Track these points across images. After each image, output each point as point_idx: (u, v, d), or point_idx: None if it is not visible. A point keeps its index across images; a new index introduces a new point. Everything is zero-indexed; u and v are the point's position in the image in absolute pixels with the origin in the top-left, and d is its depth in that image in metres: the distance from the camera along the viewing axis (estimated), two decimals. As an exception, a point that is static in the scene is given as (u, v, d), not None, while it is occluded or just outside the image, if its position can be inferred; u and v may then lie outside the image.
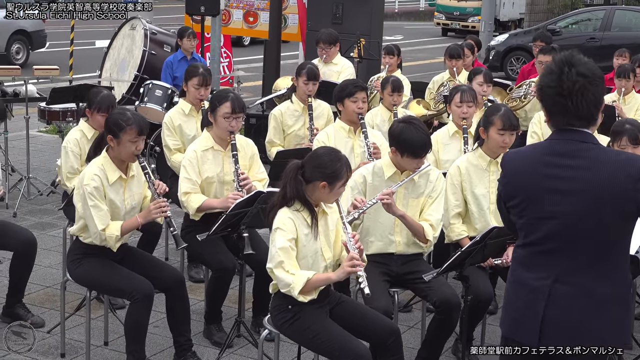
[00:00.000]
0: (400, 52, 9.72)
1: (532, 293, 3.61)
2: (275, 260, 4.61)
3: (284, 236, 4.61)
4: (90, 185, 5.29)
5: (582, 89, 3.49)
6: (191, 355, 5.60)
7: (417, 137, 5.26)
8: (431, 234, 5.42)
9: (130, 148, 5.34)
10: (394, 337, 4.80)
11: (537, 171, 3.61)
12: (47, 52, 20.98)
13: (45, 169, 10.32)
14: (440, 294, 5.27)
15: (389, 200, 5.26)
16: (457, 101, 6.64)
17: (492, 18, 22.50)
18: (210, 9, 10.68)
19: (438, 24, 33.44)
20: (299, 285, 4.57)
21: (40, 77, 10.26)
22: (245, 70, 12.62)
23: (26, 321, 6.13)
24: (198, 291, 6.71)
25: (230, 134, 5.97)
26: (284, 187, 4.71)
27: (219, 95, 6.09)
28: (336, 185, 4.66)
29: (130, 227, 5.42)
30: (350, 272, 4.60)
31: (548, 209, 3.56)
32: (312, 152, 4.91)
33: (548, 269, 3.59)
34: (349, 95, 6.49)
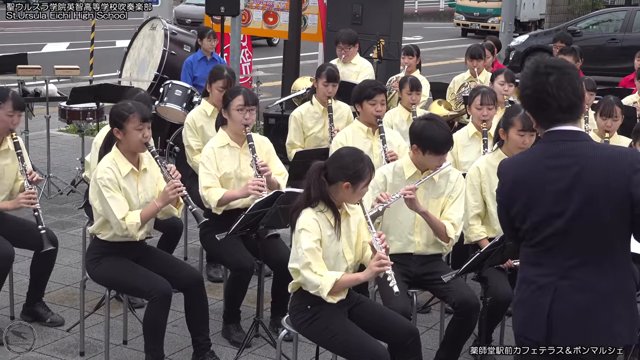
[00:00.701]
0: (419, 53, 9.70)
1: (539, 290, 3.64)
2: (302, 262, 4.61)
3: (309, 237, 4.62)
4: (104, 178, 5.32)
5: (556, 81, 3.55)
6: (209, 354, 5.61)
7: (440, 134, 5.26)
8: (453, 233, 5.41)
9: (137, 136, 5.36)
10: (413, 338, 4.80)
11: (534, 175, 3.64)
12: (68, 52, 21.12)
13: (65, 168, 10.37)
14: (459, 295, 5.26)
15: (412, 195, 5.26)
16: (477, 103, 6.61)
17: (512, 19, 22.45)
18: (230, 9, 10.69)
19: (458, 25, 33.40)
20: (328, 287, 4.57)
21: (61, 77, 10.29)
22: (264, 70, 12.63)
23: (46, 320, 6.18)
24: (217, 291, 6.72)
25: (245, 127, 5.99)
26: (308, 188, 4.72)
27: (230, 90, 6.18)
28: (359, 186, 4.67)
29: (150, 213, 5.42)
30: (378, 271, 4.60)
31: (549, 210, 3.59)
32: (334, 153, 4.91)
33: (553, 266, 3.62)
34: (367, 97, 6.47)
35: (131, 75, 11.40)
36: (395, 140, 6.57)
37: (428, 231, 5.45)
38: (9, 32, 24.25)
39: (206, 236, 6.08)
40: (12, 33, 24.32)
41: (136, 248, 5.53)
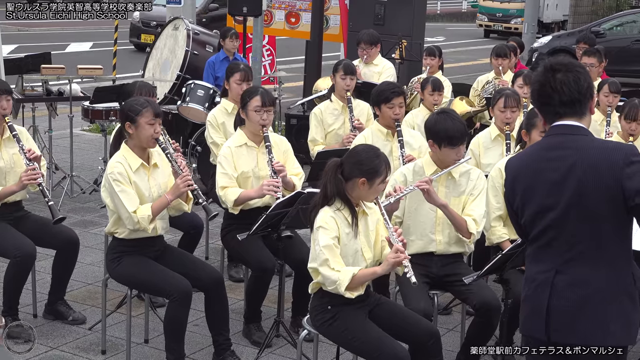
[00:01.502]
0: (441, 54, 9.68)
1: (539, 286, 3.68)
2: (320, 259, 4.61)
3: (327, 234, 4.62)
4: (114, 172, 5.35)
5: (561, 77, 3.62)
6: (230, 354, 5.62)
7: (452, 125, 5.27)
8: (474, 228, 5.39)
9: (149, 131, 5.39)
10: (434, 339, 4.79)
11: (531, 167, 3.71)
12: (91, 52, 21.22)
13: (88, 167, 10.43)
14: (480, 297, 5.24)
15: (426, 186, 5.25)
16: (500, 106, 6.56)
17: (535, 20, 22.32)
18: (252, 10, 10.71)
19: (480, 26, 33.30)
20: (346, 282, 4.57)
21: (84, 77, 10.35)
22: (286, 70, 12.64)
23: (67, 318, 6.21)
24: (238, 290, 6.73)
25: (262, 127, 6.00)
26: (324, 186, 4.72)
27: (248, 91, 6.18)
28: (375, 182, 4.66)
29: (160, 206, 5.43)
30: (395, 263, 4.58)
31: (543, 202, 3.64)
32: (350, 150, 4.92)
33: (549, 261, 3.65)
34: (385, 101, 6.44)
35: (154, 75, 11.44)
36: (415, 142, 6.55)
37: (450, 230, 5.44)
38: (32, 32, 24.40)
39: (227, 236, 6.10)
40: (36, 33, 24.47)
41: (156, 246, 5.56)
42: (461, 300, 5.69)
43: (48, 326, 6.17)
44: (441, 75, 9.17)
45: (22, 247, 5.86)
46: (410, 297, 5.11)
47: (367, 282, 4.76)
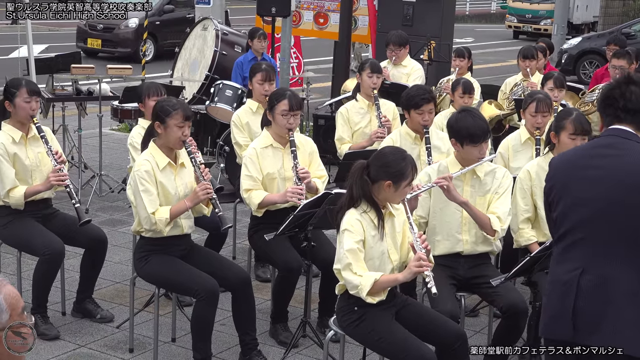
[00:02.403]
0: (470, 55, 9.65)
1: (564, 286, 3.67)
2: (343, 262, 4.62)
3: (352, 238, 4.62)
4: (141, 170, 5.39)
5: (635, 90, 3.66)
6: (257, 354, 5.63)
7: (473, 123, 5.26)
8: (498, 226, 5.36)
9: (177, 133, 5.41)
10: (461, 341, 4.77)
11: (572, 162, 3.75)
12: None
13: (116, 166, 10.49)
14: (508, 300, 5.22)
15: (445, 183, 5.24)
16: (532, 110, 6.46)
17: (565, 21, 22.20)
18: (281, 10, 10.74)
19: (510, 27, 33.15)
20: (367, 287, 4.57)
21: (114, 76, 10.42)
22: (314, 71, 12.65)
23: (95, 316, 6.26)
24: (264, 290, 6.75)
25: (289, 131, 6.01)
26: (350, 188, 4.72)
27: (276, 93, 6.16)
28: (401, 185, 4.65)
29: (178, 211, 5.46)
30: (417, 272, 4.58)
31: (576, 196, 3.65)
32: (377, 152, 4.90)
33: (576, 261, 3.65)
34: (415, 107, 6.39)
35: (182, 75, 11.49)
36: (444, 145, 6.50)
37: (476, 229, 5.42)
38: (63, 32, 24.55)
39: (254, 236, 6.12)
40: (67, 33, 24.62)
41: (183, 245, 5.58)
42: (488, 303, 5.67)
43: (76, 324, 6.22)
44: (470, 77, 9.13)
45: (51, 245, 5.91)
46: (437, 298, 5.09)
47: (389, 288, 4.76)
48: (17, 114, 6.05)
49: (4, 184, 5.96)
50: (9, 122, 6.10)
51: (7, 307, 2.53)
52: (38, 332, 5.83)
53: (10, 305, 2.54)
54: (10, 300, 2.55)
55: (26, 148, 6.10)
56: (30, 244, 5.99)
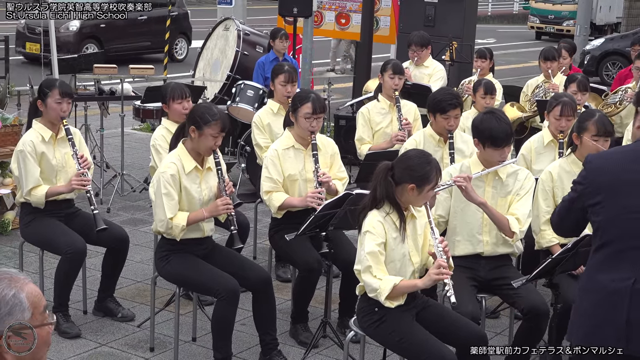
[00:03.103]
0: (492, 56, 9.62)
1: (613, 296, 3.55)
2: (363, 265, 4.61)
3: (373, 240, 4.61)
4: (167, 173, 5.39)
5: None
6: (277, 354, 5.64)
7: (497, 126, 5.22)
8: (517, 227, 5.33)
9: (210, 142, 5.41)
10: (481, 343, 4.76)
11: (620, 167, 3.60)
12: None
13: (138, 166, 10.53)
14: (529, 301, 5.20)
15: (464, 183, 5.22)
16: (556, 114, 6.37)
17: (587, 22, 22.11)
18: (302, 11, 10.74)
19: (532, 28, 33.03)
20: (386, 291, 4.56)
21: (136, 76, 10.45)
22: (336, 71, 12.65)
23: (116, 315, 6.28)
24: (285, 290, 6.75)
25: (311, 133, 6.01)
26: (374, 189, 4.71)
27: (300, 95, 6.14)
28: (425, 189, 4.63)
29: (195, 219, 5.47)
30: (436, 279, 4.57)
31: (627, 202, 3.52)
32: (402, 154, 4.89)
33: (628, 270, 3.53)
34: (441, 111, 6.33)
35: (204, 75, 11.52)
36: (467, 149, 6.45)
37: (497, 230, 5.40)
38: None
39: (275, 236, 6.12)
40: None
41: (204, 245, 5.59)
42: (509, 304, 5.64)
43: (97, 322, 6.25)
44: (492, 78, 9.11)
45: (73, 244, 5.94)
46: (458, 300, 5.07)
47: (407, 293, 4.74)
48: (48, 114, 6.09)
49: (28, 182, 5.99)
50: (40, 121, 6.14)
51: (29, 306, 2.54)
52: (60, 331, 5.91)
53: (32, 304, 2.55)
54: (32, 298, 2.56)
55: (54, 148, 6.13)
56: (52, 242, 6.02)
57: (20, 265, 6.54)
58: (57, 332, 5.93)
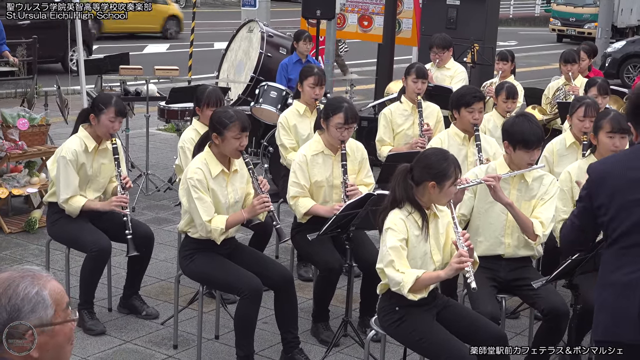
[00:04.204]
0: (514, 58, 9.58)
1: (624, 289, 3.60)
2: (386, 260, 4.60)
3: (395, 236, 4.60)
4: (194, 178, 5.38)
5: None
6: (298, 352, 5.63)
7: (529, 129, 5.22)
8: (540, 230, 5.31)
9: (234, 144, 5.40)
10: (501, 343, 4.72)
11: (622, 167, 3.66)
12: (168, 53, 21.49)
13: (163, 165, 10.56)
14: (549, 302, 5.17)
15: (493, 183, 5.20)
16: (580, 115, 6.38)
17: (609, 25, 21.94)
18: (325, 13, 10.74)
19: (553, 30, 32.90)
20: (409, 284, 4.54)
21: (161, 77, 10.49)
22: (358, 73, 12.64)
23: (141, 312, 6.30)
24: (307, 289, 6.75)
25: (341, 142, 5.99)
26: (393, 190, 4.70)
27: (332, 104, 6.05)
28: (445, 185, 4.62)
29: (235, 221, 5.47)
30: (458, 268, 4.54)
31: (629, 199, 3.57)
32: (420, 154, 4.88)
33: (636, 263, 3.57)
34: (466, 105, 6.38)
35: (228, 76, 11.53)
36: (490, 148, 6.46)
37: (519, 233, 5.38)
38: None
39: (297, 236, 6.12)
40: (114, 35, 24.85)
41: (227, 245, 5.59)
42: (529, 305, 5.62)
43: (122, 320, 6.27)
44: (513, 80, 9.06)
45: (99, 242, 5.97)
46: (478, 300, 5.06)
47: (431, 286, 4.72)
48: (99, 128, 6.10)
49: (67, 190, 6.01)
50: (87, 129, 6.15)
51: (52, 303, 2.54)
52: (85, 328, 5.94)
53: (55, 301, 2.55)
54: (55, 296, 2.56)
55: (93, 158, 6.15)
56: (78, 240, 6.05)
57: (47, 263, 6.57)
58: (82, 329, 5.96)
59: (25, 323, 2.48)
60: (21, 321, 2.47)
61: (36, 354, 2.51)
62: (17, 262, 7.15)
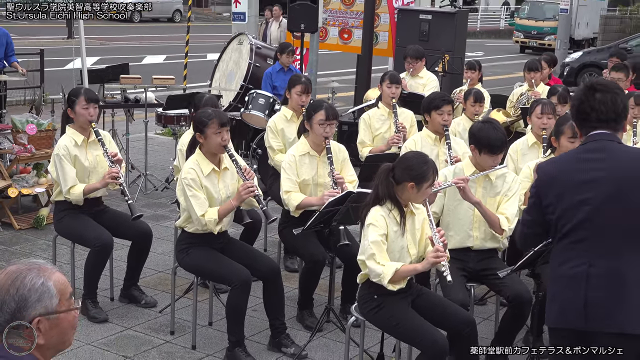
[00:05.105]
0: (481, 67, 9.60)
1: (572, 280, 3.61)
2: (367, 253, 4.60)
3: (376, 231, 4.60)
4: (187, 178, 5.38)
5: (601, 97, 3.61)
6: (285, 337, 5.62)
7: (495, 135, 5.23)
8: (506, 225, 5.33)
9: (217, 140, 5.40)
10: (470, 327, 4.75)
11: (568, 167, 3.67)
12: (165, 64, 21.42)
13: (160, 167, 10.52)
14: (513, 290, 5.19)
15: (462, 184, 5.22)
16: (537, 113, 6.48)
17: (567, 37, 22.10)
18: (309, 27, 10.72)
19: (517, 42, 33.04)
20: (389, 275, 4.55)
21: (158, 86, 10.45)
22: (339, 82, 12.62)
23: (140, 302, 6.27)
24: (292, 280, 6.73)
25: (325, 139, 5.98)
26: (376, 187, 4.71)
27: (313, 105, 6.13)
28: (423, 186, 4.63)
29: (226, 210, 5.45)
30: (434, 262, 4.56)
31: (578, 198, 3.58)
32: (401, 156, 4.90)
33: (582, 257, 3.59)
34: (435, 107, 6.44)
35: (220, 85, 11.50)
36: (460, 149, 6.48)
37: (486, 227, 5.40)
38: (113, 46, 24.73)
39: (284, 230, 6.11)
40: (116, 46, 24.80)
41: (220, 239, 5.57)
42: (496, 293, 5.63)
43: (123, 308, 6.24)
44: (481, 87, 9.08)
45: (101, 238, 5.93)
46: (449, 288, 5.06)
47: (409, 277, 4.73)
48: (78, 119, 6.09)
49: (67, 182, 5.99)
50: (72, 127, 6.15)
51: (57, 293, 2.54)
52: (89, 316, 5.91)
53: (59, 291, 2.55)
54: (59, 286, 2.55)
55: (86, 151, 6.12)
56: (82, 236, 6.02)
57: (54, 257, 6.53)
58: (87, 317, 5.93)
59: (25, 323, 2.48)
60: (21, 321, 2.47)
61: (42, 341, 2.51)
62: (26, 256, 7.11)
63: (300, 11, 10.70)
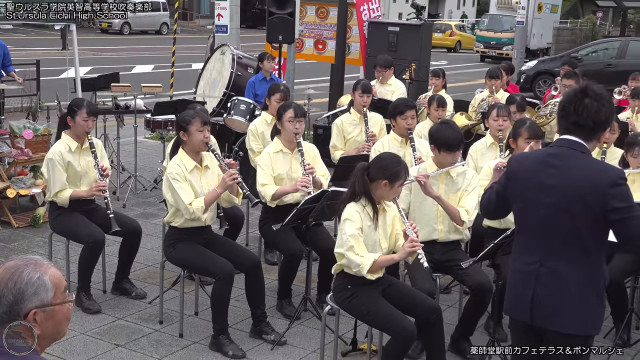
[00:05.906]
0: (444, 75, 9.62)
1: (525, 276, 3.62)
2: (346, 245, 4.60)
3: (352, 225, 4.61)
4: (173, 172, 5.37)
5: (588, 103, 3.48)
6: (266, 325, 5.61)
7: (451, 134, 5.26)
8: (466, 217, 5.36)
9: (199, 137, 5.39)
10: (436, 314, 4.76)
11: (535, 168, 3.63)
12: (153, 73, 21.29)
13: (149, 168, 10.46)
14: (475, 279, 5.21)
15: (423, 180, 5.24)
16: (494, 115, 6.54)
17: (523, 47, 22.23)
18: (286, 38, 10.72)
19: (477, 52, 33.22)
20: (368, 265, 4.56)
21: (147, 93, 10.40)
22: (314, 89, 12.62)
23: (131, 294, 6.23)
24: (272, 272, 6.72)
25: (295, 134, 5.99)
26: (352, 185, 4.71)
27: (283, 105, 6.17)
28: (395, 184, 4.64)
29: (212, 198, 5.43)
30: (410, 252, 4.58)
31: (537, 199, 3.56)
32: (377, 156, 4.90)
33: (534, 254, 3.59)
34: (400, 113, 6.47)
35: (204, 92, 11.45)
36: (424, 150, 6.50)
37: (449, 221, 5.42)
38: (105, 56, 24.55)
39: (264, 227, 6.10)
40: (108, 57, 24.63)
41: (205, 235, 5.55)
42: (459, 282, 5.65)
43: (115, 300, 6.20)
44: (444, 93, 9.11)
45: (94, 234, 5.89)
46: (416, 278, 5.08)
47: (385, 266, 4.74)
48: (76, 128, 6.05)
49: (55, 186, 5.95)
50: (68, 133, 6.10)
51: (52, 286, 2.52)
52: (83, 307, 5.86)
53: (54, 285, 2.53)
54: (54, 280, 2.54)
55: (79, 157, 6.07)
56: (76, 233, 5.97)
57: (50, 253, 6.48)
58: (81, 309, 5.89)
59: (25, 323, 2.46)
60: (21, 321, 2.45)
61: (38, 331, 2.49)
62: (24, 253, 7.05)
63: (279, 24, 10.70)
